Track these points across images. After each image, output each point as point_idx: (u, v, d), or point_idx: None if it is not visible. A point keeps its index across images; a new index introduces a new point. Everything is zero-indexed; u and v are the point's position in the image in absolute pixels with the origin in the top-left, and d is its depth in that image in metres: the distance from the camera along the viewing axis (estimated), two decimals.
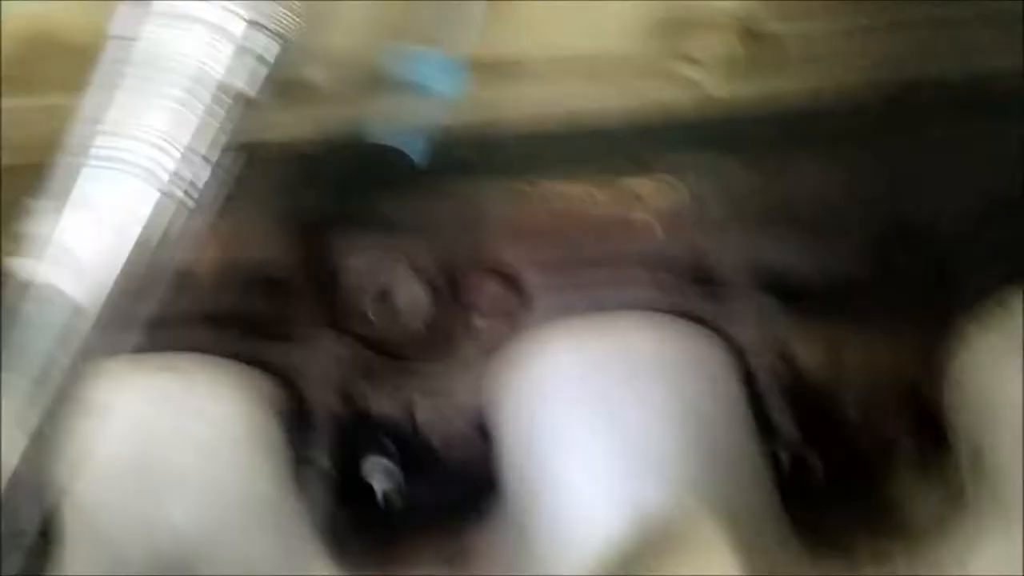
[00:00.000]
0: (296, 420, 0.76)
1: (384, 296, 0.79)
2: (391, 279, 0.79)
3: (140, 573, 0.70)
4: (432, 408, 0.81)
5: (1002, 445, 0.71)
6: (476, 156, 0.76)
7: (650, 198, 0.78)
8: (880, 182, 0.76)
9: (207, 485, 0.71)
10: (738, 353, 0.76)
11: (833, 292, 0.78)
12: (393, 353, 0.81)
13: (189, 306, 0.74)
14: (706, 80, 0.73)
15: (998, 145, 0.75)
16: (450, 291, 0.81)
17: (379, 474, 0.80)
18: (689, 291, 0.77)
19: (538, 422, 0.73)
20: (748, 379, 0.75)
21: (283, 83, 0.57)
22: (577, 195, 0.78)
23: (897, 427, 0.78)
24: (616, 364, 0.73)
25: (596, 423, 0.71)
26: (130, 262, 0.54)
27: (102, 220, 0.53)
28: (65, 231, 0.53)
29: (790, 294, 0.78)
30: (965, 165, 0.76)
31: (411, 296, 0.80)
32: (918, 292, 0.77)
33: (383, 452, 0.80)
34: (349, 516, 0.78)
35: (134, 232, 0.55)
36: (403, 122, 0.68)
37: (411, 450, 0.82)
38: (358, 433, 0.80)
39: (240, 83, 0.55)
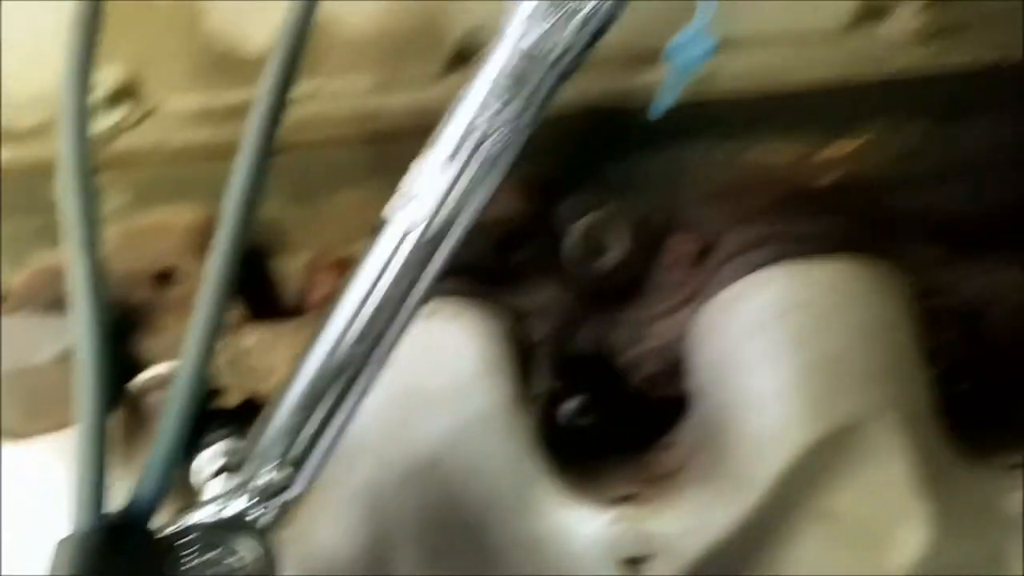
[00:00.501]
0: (524, 353, 0.87)
1: (598, 249, 0.89)
2: (605, 234, 0.89)
3: (398, 482, 0.81)
4: (633, 348, 0.92)
5: None
6: (689, 122, 0.85)
7: (839, 159, 0.88)
8: None
9: (454, 408, 0.82)
10: (916, 291, 0.86)
11: (997, 236, 0.88)
12: (604, 300, 0.91)
13: None
14: (898, 47, 0.82)
15: None
16: (649, 243, 0.91)
17: (573, 409, 0.91)
18: (869, 238, 0.87)
19: (735, 355, 0.84)
20: (921, 310, 0.85)
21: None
22: (776, 159, 0.88)
23: None
24: (812, 301, 0.83)
25: (789, 350, 0.81)
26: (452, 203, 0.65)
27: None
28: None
29: (959, 239, 0.88)
30: None
31: (613, 245, 0.90)
32: None
33: (590, 386, 0.91)
34: (555, 444, 0.89)
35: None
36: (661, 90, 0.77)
37: (611, 388, 0.92)
38: (571, 367, 0.90)
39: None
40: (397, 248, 0.66)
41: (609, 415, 0.91)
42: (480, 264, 0.88)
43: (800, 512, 0.81)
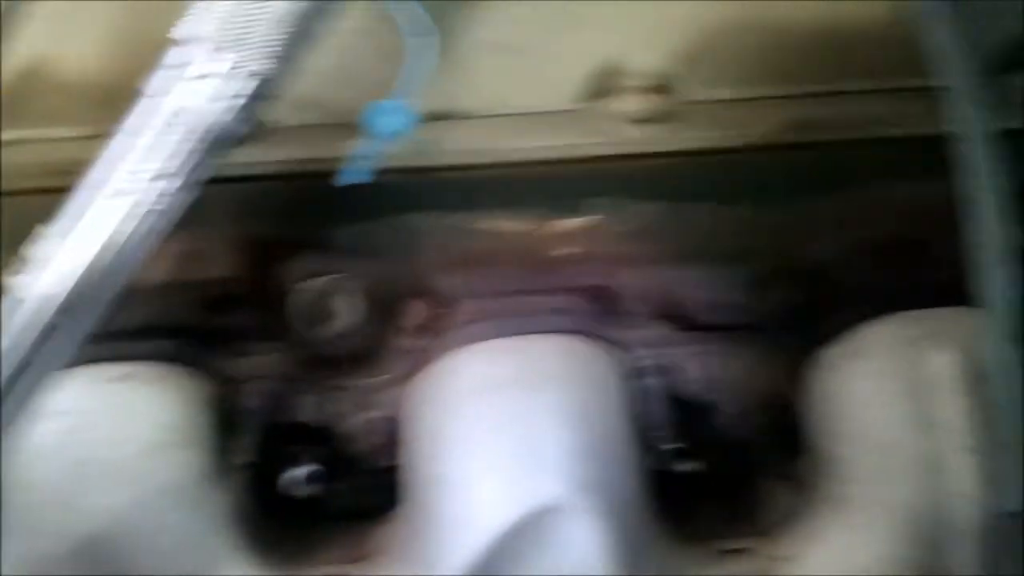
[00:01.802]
0: (230, 423, 0.83)
1: (325, 315, 0.86)
2: (333, 300, 0.86)
3: (69, 557, 0.75)
4: (358, 419, 0.88)
5: (845, 447, 0.80)
6: (422, 193, 0.84)
7: (576, 237, 0.86)
8: (774, 228, 0.85)
9: (137, 478, 0.78)
10: (635, 371, 0.85)
11: (722, 321, 0.87)
12: (328, 367, 0.88)
13: (144, 317, 0.80)
14: (630, 133, 0.81)
15: (868, 200, 0.84)
16: (382, 310, 0.88)
17: (299, 477, 0.87)
18: (599, 317, 0.85)
19: (447, 428, 0.80)
20: (642, 393, 0.84)
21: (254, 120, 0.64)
22: (509, 231, 0.86)
23: (763, 432, 0.87)
24: (522, 377, 0.80)
25: (498, 427, 0.78)
26: (94, 270, 0.61)
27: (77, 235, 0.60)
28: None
29: (685, 322, 0.87)
30: (844, 217, 0.85)
31: (350, 316, 0.87)
32: (795, 323, 0.86)
33: (306, 457, 0.87)
34: (268, 515, 0.85)
35: (102, 242, 0.61)
36: (356, 158, 0.75)
37: (333, 457, 0.89)
38: (285, 438, 0.86)
39: (216, 118, 0.61)
40: (15, 316, 0.61)
41: (329, 487, 0.87)
42: (189, 326, 0.84)
43: None
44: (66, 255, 0.61)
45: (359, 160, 0.75)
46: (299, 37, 0.62)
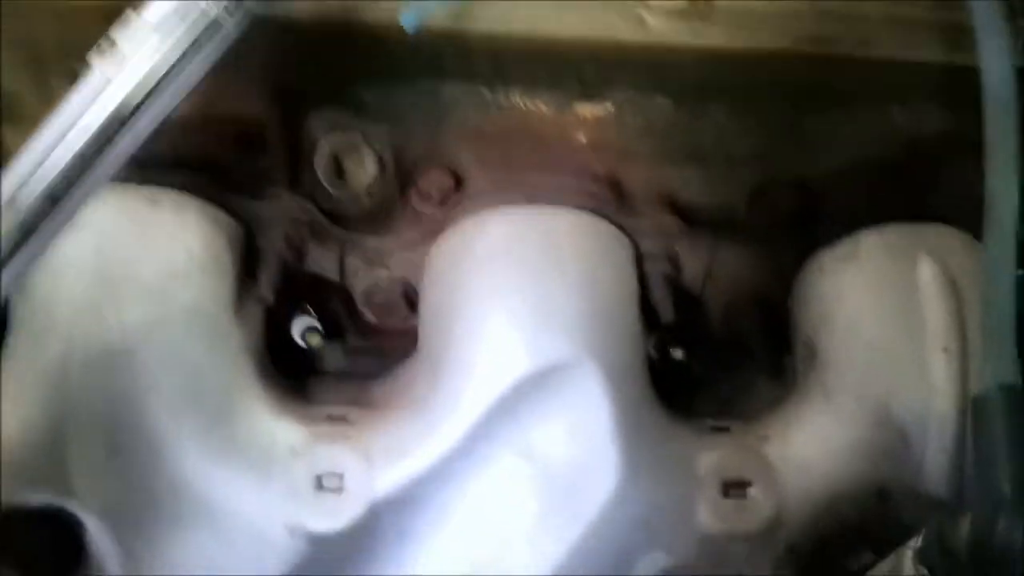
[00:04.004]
0: (249, 261, 0.85)
1: (338, 166, 0.88)
2: (348, 152, 0.88)
3: (94, 365, 0.77)
4: (369, 275, 0.91)
5: (829, 341, 0.86)
6: (449, 60, 0.85)
7: (593, 124, 0.89)
8: (777, 137, 0.89)
9: (159, 299, 0.79)
10: (639, 252, 0.88)
11: (721, 219, 0.92)
12: (341, 220, 0.89)
13: (174, 150, 0.81)
14: (656, 25, 0.85)
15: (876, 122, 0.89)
16: (399, 174, 0.90)
17: (309, 321, 0.89)
18: (608, 200, 0.89)
19: (465, 285, 0.84)
20: (643, 275, 0.88)
21: None
22: (530, 109, 0.88)
23: (751, 326, 0.92)
24: (538, 243, 0.84)
25: (514, 285, 0.82)
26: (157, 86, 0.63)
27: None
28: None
29: (687, 216, 0.91)
30: (848, 135, 0.89)
31: (363, 170, 0.89)
32: (791, 227, 0.91)
33: (316, 303, 0.89)
34: (279, 357, 0.88)
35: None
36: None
37: (343, 307, 0.91)
38: (298, 286, 0.88)
39: None
40: (96, 99, 0.62)
41: (338, 338, 0.90)
42: (216, 162, 0.85)
43: (501, 448, 0.81)
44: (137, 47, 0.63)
45: (410, 10, 0.77)
46: None
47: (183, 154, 0.84)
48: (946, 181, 0.90)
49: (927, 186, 0.92)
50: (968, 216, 0.82)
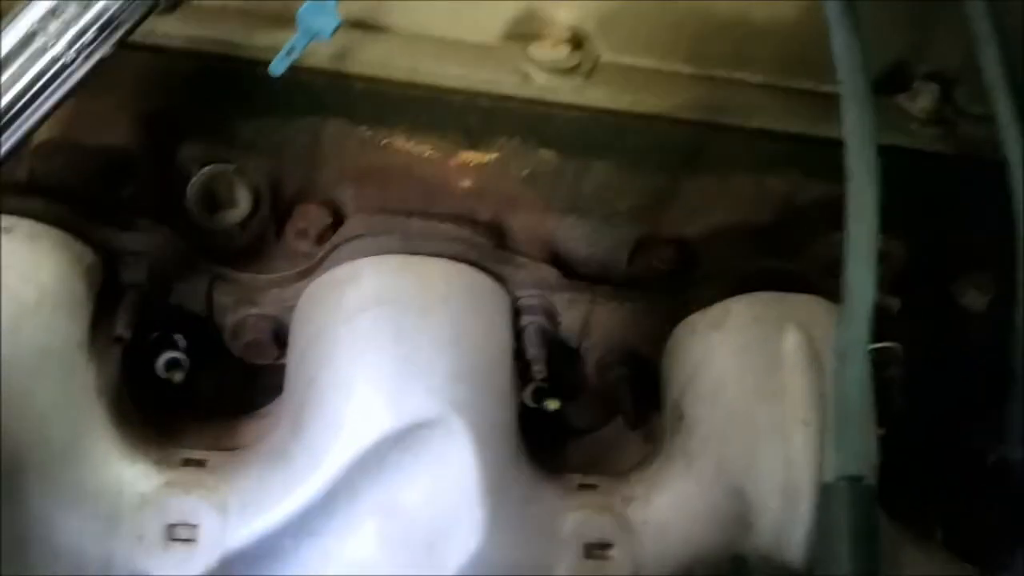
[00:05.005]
0: (109, 297, 0.81)
1: (211, 198, 0.85)
2: (221, 184, 0.85)
3: None
4: (238, 312, 0.88)
5: (694, 405, 0.87)
6: (330, 98, 0.83)
7: (475, 170, 0.88)
8: (658, 196, 0.90)
9: (11, 336, 0.75)
10: (515, 304, 0.88)
11: (600, 273, 0.92)
12: (212, 254, 0.86)
13: (31, 174, 0.77)
14: (540, 81, 0.84)
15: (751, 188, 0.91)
16: (275, 209, 0.88)
17: (172, 359, 0.85)
18: (487, 251, 0.88)
19: (333, 334, 0.82)
20: (519, 325, 0.87)
21: None
22: (414, 152, 0.87)
23: (623, 383, 0.92)
24: (411, 295, 0.82)
25: (382, 339, 0.80)
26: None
27: None
28: None
29: (567, 269, 0.91)
30: (722, 196, 0.91)
31: (237, 204, 0.86)
32: (665, 287, 0.93)
33: (178, 344, 0.86)
34: (139, 396, 0.84)
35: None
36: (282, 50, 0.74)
37: (208, 345, 0.88)
38: (163, 321, 0.85)
39: None
40: None
41: (200, 374, 0.86)
42: (77, 190, 0.81)
43: (363, 503, 0.79)
44: None
45: (284, 52, 0.74)
46: None
47: (41, 179, 0.80)
48: (820, 249, 0.93)
49: (800, 253, 0.94)
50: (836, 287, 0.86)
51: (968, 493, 1.04)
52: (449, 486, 0.79)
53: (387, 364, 0.80)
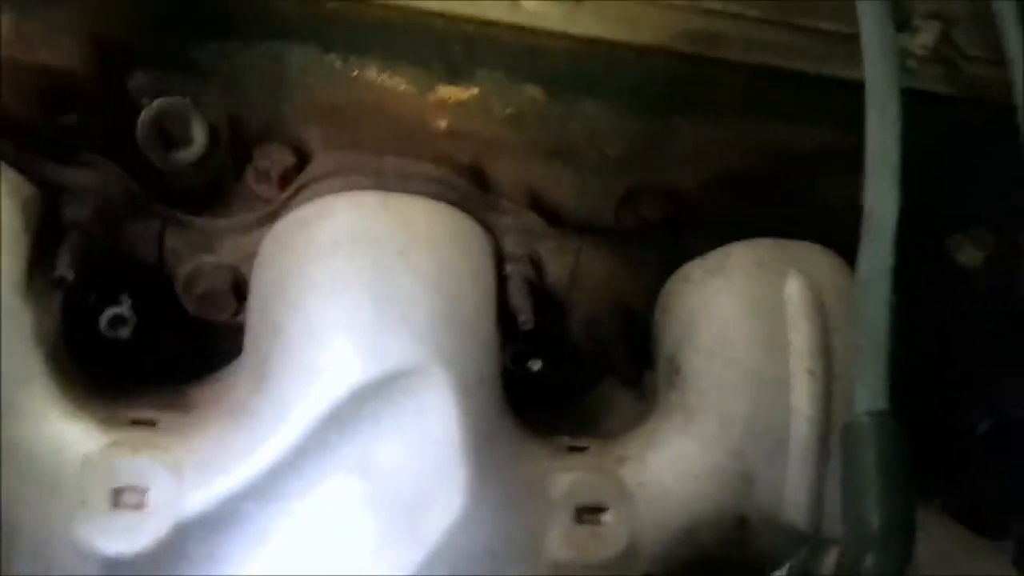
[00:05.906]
0: (51, 235, 0.72)
1: (162, 131, 0.77)
2: (174, 116, 0.77)
3: None
4: (192, 260, 0.80)
5: (693, 358, 0.81)
6: (297, 23, 0.76)
7: (456, 108, 0.81)
8: (651, 140, 0.84)
9: None
10: (499, 251, 0.82)
11: (588, 222, 0.86)
12: (165, 196, 0.78)
13: None
14: (529, 7, 0.78)
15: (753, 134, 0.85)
16: (234, 148, 0.80)
17: (116, 315, 0.77)
18: (469, 192, 0.81)
19: (303, 277, 0.74)
20: (502, 275, 0.81)
21: None
22: (388, 86, 0.80)
23: (613, 339, 0.86)
24: (387, 232, 0.76)
25: (359, 280, 0.73)
26: None
27: None
28: None
29: (553, 217, 0.85)
30: (718, 141, 0.85)
31: (191, 141, 0.78)
32: (657, 236, 0.87)
33: (128, 289, 0.77)
34: (82, 342, 0.76)
35: None
36: None
37: (158, 300, 0.80)
38: (108, 265, 0.77)
39: None
40: None
41: (149, 327, 0.78)
42: (17, 119, 0.73)
43: (334, 463, 0.72)
44: None
45: None
46: None
47: None
48: (819, 199, 0.88)
49: (800, 203, 0.89)
50: (837, 237, 0.81)
51: (962, 461, 1.00)
52: (431, 442, 0.72)
53: (364, 307, 0.72)
